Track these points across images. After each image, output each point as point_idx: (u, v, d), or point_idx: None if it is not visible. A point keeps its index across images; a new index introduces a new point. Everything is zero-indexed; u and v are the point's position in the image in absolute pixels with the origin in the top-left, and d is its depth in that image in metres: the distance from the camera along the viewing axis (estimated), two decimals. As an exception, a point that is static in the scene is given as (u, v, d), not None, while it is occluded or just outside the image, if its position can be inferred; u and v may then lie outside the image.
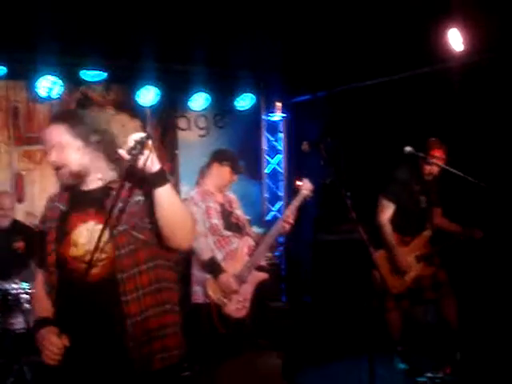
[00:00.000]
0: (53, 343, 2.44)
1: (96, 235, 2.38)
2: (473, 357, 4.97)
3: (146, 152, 2.30)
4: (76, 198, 2.60)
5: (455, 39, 5.36)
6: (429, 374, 4.89)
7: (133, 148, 2.27)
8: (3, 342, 4.61)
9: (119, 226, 2.48)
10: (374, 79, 6.42)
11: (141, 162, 2.29)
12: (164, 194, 2.38)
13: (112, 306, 2.46)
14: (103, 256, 2.47)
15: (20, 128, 6.17)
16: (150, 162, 2.31)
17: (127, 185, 2.46)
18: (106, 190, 2.55)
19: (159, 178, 2.37)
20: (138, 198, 2.51)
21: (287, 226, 4.54)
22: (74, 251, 2.53)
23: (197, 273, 4.64)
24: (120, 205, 2.48)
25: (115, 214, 2.46)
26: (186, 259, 5.75)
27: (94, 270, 2.45)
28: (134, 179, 2.45)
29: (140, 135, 2.30)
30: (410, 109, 6.01)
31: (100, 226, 2.41)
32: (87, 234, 2.51)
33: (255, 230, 5.28)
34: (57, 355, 2.43)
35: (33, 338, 2.58)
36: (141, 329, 2.47)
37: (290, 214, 4.54)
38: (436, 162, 4.84)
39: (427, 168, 4.94)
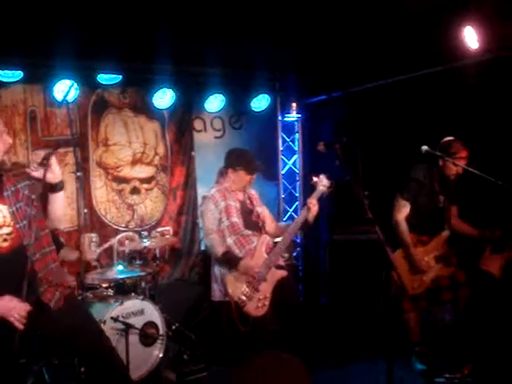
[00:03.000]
0: (21, 308, 3.03)
1: (2, 214, 3.16)
2: (491, 357, 4.93)
3: (52, 165, 3.14)
4: None
5: (470, 37, 5.32)
6: (447, 375, 4.86)
7: (41, 163, 3.10)
8: (31, 342, 4.62)
9: (17, 204, 3.24)
10: (389, 78, 6.39)
11: (48, 175, 3.14)
12: (59, 198, 3.35)
13: (25, 267, 3.08)
14: (10, 230, 3.20)
15: (37, 132, 6.20)
16: (56, 173, 3.19)
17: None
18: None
19: (59, 187, 3.29)
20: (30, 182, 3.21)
21: (312, 215, 4.54)
22: None
23: (216, 271, 4.67)
24: (12, 188, 3.27)
25: (10, 196, 3.25)
26: (205, 259, 5.76)
27: (7, 244, 3.17)
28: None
29: (47, 152, 3.16)
30: (426, 107, 5.97)
31: (4, 207, 3.20)
32: None
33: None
34: (25, 318, 3.03)
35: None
36: (45, 279, 3.28)
37: (313, 201, 4.55)
38: (458, 163, 4.80)
39: (453, 168, 4.91)
